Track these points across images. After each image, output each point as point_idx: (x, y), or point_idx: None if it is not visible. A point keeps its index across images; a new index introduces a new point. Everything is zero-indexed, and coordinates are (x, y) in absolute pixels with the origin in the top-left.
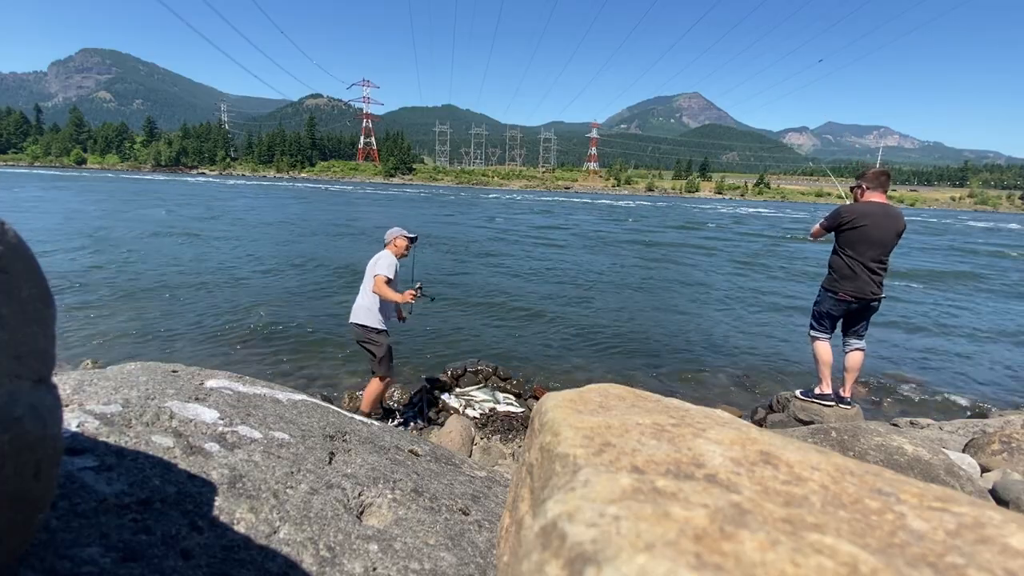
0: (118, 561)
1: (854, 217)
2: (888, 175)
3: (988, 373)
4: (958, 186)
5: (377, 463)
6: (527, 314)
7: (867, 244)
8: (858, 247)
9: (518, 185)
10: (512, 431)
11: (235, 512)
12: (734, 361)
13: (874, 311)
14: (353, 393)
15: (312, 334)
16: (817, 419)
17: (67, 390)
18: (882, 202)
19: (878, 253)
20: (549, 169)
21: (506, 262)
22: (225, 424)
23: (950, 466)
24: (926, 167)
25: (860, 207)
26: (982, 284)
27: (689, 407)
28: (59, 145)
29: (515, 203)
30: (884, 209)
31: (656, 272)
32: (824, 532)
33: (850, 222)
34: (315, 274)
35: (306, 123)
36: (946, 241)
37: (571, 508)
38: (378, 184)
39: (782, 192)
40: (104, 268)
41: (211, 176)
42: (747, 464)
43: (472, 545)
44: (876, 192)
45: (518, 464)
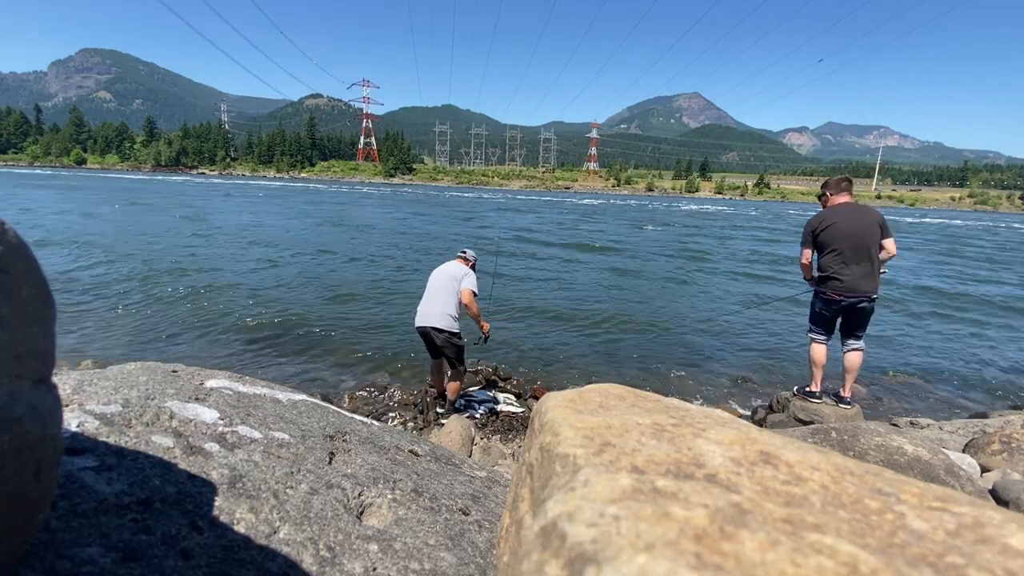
0: (118, 561)
1: (821, 220)
2: (849, 180)
3: (988, 373)
4: (958, 186)
5: (377, 463)
6: (527, 314)
7: (841, 239)
8: (834, 244)
9: (518, 185)
10: (512, 431)
11: (235, 512)
12: (734, 361)
13: (869, 312)
14: (353, 393)
15: (312, 334)
16: (817, 419)
17: (67, 390)
18: (847, 202)
19: (854, 244)
20: (549, 169)
21: (506, 262)
22: (225, 424)
23: (950, 466)
24: (926, 167)
25: (825, 211)
26: (982, 284)
27: (689, 407)
28: (59, 145)
29: (515, 203)
30: (849, 207)
31: (656, 272)
32: (824, 532)
33: (819, 226)
34: (315, 274)
35: (306, 123)
36: (947, 241)
37: (571, 508)
38: (378, 184)
39: (782, 192)
40: (104, 268)
41: (211, 176)
42: (747, 464)
43: (472, 545)
44: (840, 196)
45: (518, 464)
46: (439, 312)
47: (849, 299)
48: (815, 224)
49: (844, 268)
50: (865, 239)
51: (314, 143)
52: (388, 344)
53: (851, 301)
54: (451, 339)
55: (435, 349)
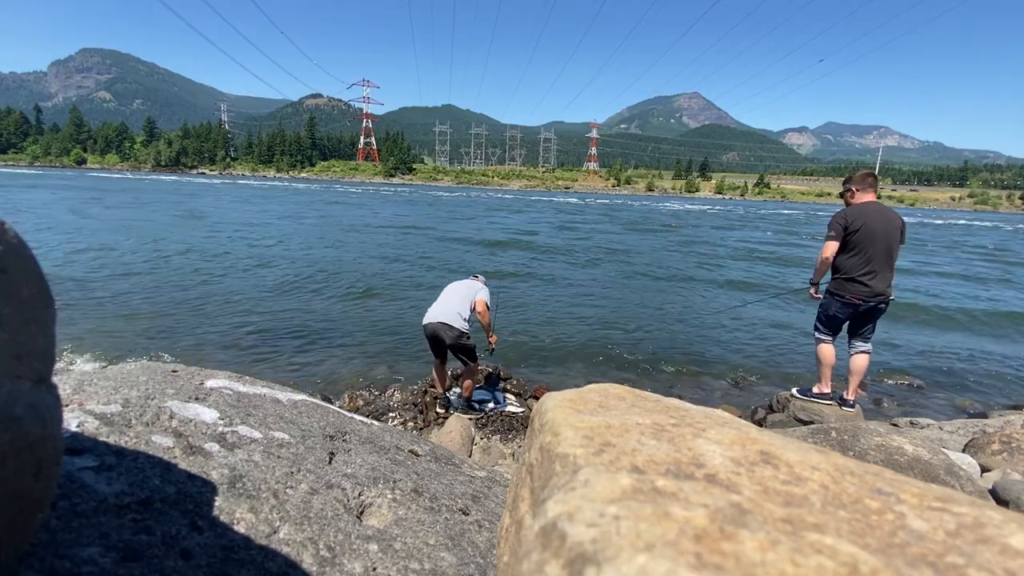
0: (118, 561)
1: (855, 218)
2: (875, 176)
3: (988, 373)
4: (958, 186)
5: (377, 463)
6: (527, 314)
7: (873, 241)
8: (864, 246)
9: (518, 185)
10: (512, 431)
11: (235, 512)
12: (734, 361)
13: (881, 313)
14: (353, 393)
15: (312, 334)
16: (817, 419)
17: (67, 390)
18: (875, 201)
19: (884, 249)
20: (549, 169)
21: (506, 262)
22: (225, 424)
23: (950, 466)
24: (926, 167)
25: (858, 208)
26: (982, 284)
27: (689, 407)
28: (59, 145)
29: (515, 203)
30: (879, 208)
31: (656, 272)
32: (824, 532)
33: (852, 224)
34: (315, 274)
35: (306, 123)
36: (946, 241)
37: (571, 508)
38: (378, 184)
39: (782, 192)
40: (104, 268)
41: (212, 176)
42: (747, 464)
43: (472, 545)
44: (866, 193)
45: (518, 464)
46: (451, 311)
47: (868, 303)
48: (849, 221)
49: (871, 272)
50: (890, 242)
51: (314, 143)
52: (389, 344)
53: (870, 305)
54: (460, 338)
55: (440, 349)
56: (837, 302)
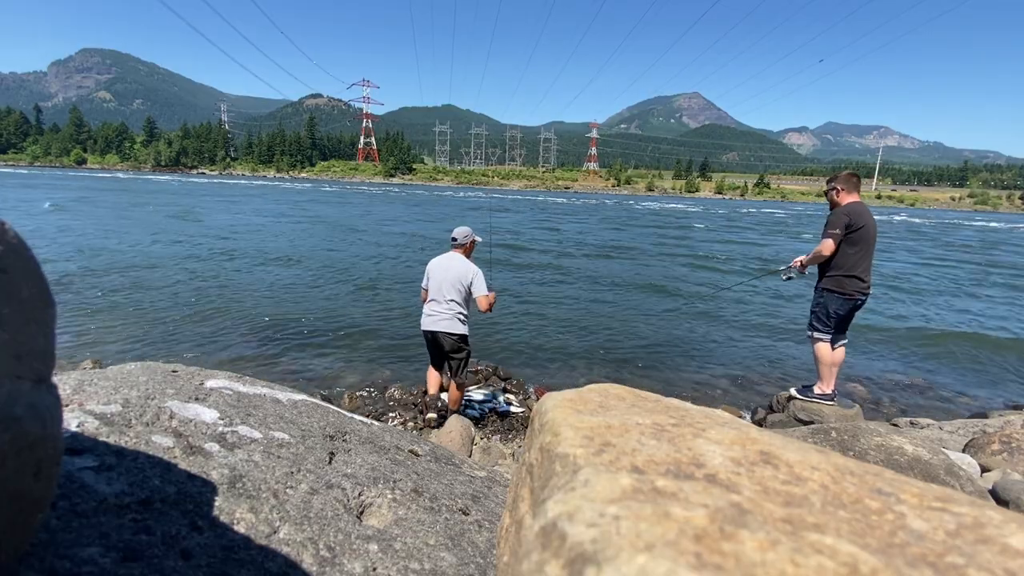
0: (118, 561)
1: (856, 218)
2: (858, 177)
3: (988, 373)
4: (958, 186)
5: (377, 463)
6: (527, 315)
7: (869, 239)
8: (862, 244)
9: (518, 185)
10: (512, 431)
11: (235, 512)
12: (734, 361)
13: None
14: (353, 393)
15: (312, 334)
16: (817, 419)
17: (67, 390)
18: (859, 200)
19: (873, 247)
20: (549, 169)
21: (506, 262)
22: (225, 424)
23: (950, 466)
24: (926, 167)
25: (854, 207)
26: (982, 284)
27: (689, 407)
28: (59, 145)
29: (515, 203)
30: (865, 207)
31: (656, 273)
32: (824, 532)
33: (854, 223)
34: (314, 273)
35: (306, 123)
36: (947, 241)
37: (571, 508)
38: (378, 184)
39: (782, 192)
40: (104, 268)
41: (211, 176)
42: (747, 464)
43: (472, 545)
44: (851, 193)
45: (518, 464)
46: (451, 315)
47: (861, 299)
48: (851, 219)
49: (867, 269)
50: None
51: (314, 143)
52: (388, 344)
53: (863, 299)
54: (460, 343)
55: (439, 353)
56: (838, 299)
